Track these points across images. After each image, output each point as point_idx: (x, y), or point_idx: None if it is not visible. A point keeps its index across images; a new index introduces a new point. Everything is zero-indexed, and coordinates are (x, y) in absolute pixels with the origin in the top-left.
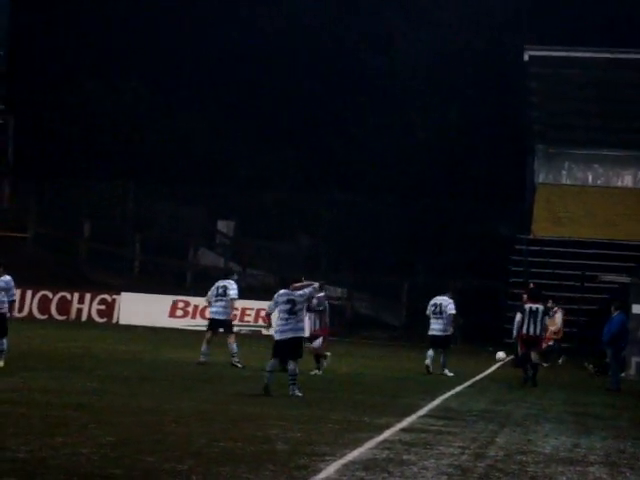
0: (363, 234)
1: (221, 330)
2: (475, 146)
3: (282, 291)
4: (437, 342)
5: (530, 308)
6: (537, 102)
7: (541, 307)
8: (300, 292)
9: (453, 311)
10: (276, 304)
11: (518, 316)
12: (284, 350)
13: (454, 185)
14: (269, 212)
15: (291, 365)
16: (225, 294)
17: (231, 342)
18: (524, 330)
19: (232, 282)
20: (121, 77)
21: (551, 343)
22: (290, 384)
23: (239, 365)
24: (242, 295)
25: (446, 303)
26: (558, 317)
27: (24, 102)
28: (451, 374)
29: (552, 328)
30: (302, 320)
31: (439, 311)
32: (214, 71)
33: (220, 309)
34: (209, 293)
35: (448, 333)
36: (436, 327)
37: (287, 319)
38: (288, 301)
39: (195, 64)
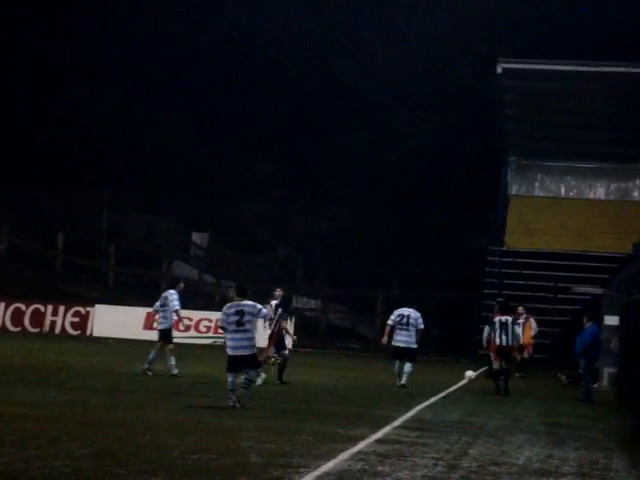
0: (338, 246)
1: (159, 340)
2: (449, 158)
3: (229, 303)
4: (402, 354)
5: (500, 320)
6: (510, 114)
7: (510, 318)
8: (250, 303)
9: (422, 326)
10: (226, 316)
11: (486, 329)
12: (238, 366)
13: (428, 197)
14: (244, 224)
15: (251, 372)
16: (165, 304)
17: (167, 351)
18: (497, 341)
19: (172, 292)
20: (97, 87)
21: (531, 352)
22: (242, 386)
23: (149, 373)
24: (215, 307)
25: (415, 316)
26: (532, 321)
27: None
28: (405, 383)
29: (531, 333)
30: (253, 336)
31: (406, 322)
32: (191, 82)
33: (161, 319)
34: (156, 304)
35: (415, 347)
36: (402, 339)
37: (236, 331)
38: (237, 312)
39: (171, 76)
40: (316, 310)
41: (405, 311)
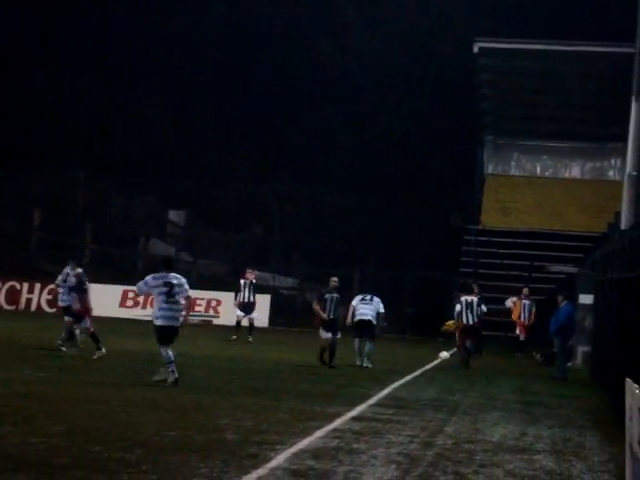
0: (315, 225)
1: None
2: (425, 137)
3: (157, 274)
4: (364, 328)
5: (466, 300)
6: (486, 94)
7: (475, 298)
8: (177, 275)
9: (382, 310)
10: (146, 284)
11: (457, 307)
12: (170, 337)
13: (405, 176)
14: (221, 202)
15: (169, 352)
16: (66, 280)
17: (66, 324)
18: (463, 321)
19: (66, 268)
20: (72, 65)
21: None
22: (170, 370)
23: (63, 349)
24: (192, 285)
25: (376, 299)
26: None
27: None
28: (370, 365)
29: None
30: (181, 308)
31: (369, 299)
32: (168, 61)
33: (63, 296)
34: (59, 278)
35: (375, 323)
36: (364, 312)
37: (168, 302)
38: (165, 284)
39: (148, 54)
40: (292, 289)
41: (367, 295)
